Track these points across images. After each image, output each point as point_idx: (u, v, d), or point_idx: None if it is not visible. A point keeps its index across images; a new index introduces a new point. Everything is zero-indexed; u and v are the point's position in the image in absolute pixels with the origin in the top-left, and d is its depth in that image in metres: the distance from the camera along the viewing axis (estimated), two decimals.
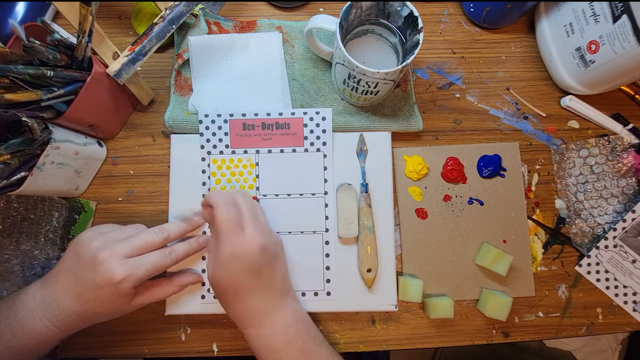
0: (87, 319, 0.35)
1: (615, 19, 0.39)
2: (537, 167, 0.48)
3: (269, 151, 0.44)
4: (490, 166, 0.46)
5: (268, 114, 0.43)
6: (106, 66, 0.39)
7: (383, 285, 0.43)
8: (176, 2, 0.41)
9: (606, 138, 0.46)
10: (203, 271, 0.42)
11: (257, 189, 0.43)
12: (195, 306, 0.41)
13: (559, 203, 0.47)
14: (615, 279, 0.45)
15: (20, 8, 0.45)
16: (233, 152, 0.44)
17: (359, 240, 0.43)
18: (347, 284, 0.42)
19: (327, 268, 0.43)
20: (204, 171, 0.43)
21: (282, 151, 0.44)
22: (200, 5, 0.46)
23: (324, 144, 0.44)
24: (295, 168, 0.43)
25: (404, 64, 0.37)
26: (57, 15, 0.48)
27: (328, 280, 0.42)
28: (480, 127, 0.48)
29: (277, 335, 0.36)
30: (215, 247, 0.36)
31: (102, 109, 0.41)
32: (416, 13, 0.38)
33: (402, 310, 0.44)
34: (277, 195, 0.43)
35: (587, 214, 0.46)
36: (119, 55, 0.40)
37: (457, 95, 0.49)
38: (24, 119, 0.33)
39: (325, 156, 0.44)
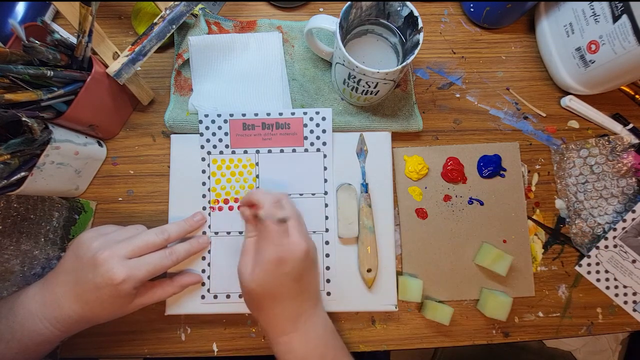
0: (88, 319, 0.35)
1: (615, 19, 0.39)
2: (537, 167, 0.48)
3: (269, 151, 0.44)
4: (490, 166, 0.46)
5: (268, 114, 0.43)
6: (106, 66, 0.39)
7: (383, 285, 0.43)
8: (176, 2, 0.41)
9: (606, 138, 0.46)
10: (203, 271, 0.42)
11: (257, 189, 0.43)
12: (195, 306, 0.41)
13: (559, 203, 0.47)
14: (615, 279, 0.45)
15: (20, 8, 0.45)
16: (233, 152, 0.44)
17: (359, 240, 0.43)
18: (347, 284, 0.42)
19: (327, 268, 0.43)
20: (204, 171, 0.43)
21: (282, 151, 0.44)
22: (200, 5, 0.46)
23: (324, 144, 0.44)
24: (295, 168, 0.43)
25: (404, 64, 0.37)
26: (57, 15, 0.48)
27: (328, 280, 0.42)
28: (480, 127, 0.48)
29: (309, 345, 0.35)
30: (256, 248, 0.35)
31: (102, 109, 0.41)
32: (416, 13, 0.38)
33: (402, 310, 0.44)
34: None
35: (587, 214, 0.46)
36: (119, 55, 0.40)
37: (457, 95, 0.49)
38: (24, 119, 0.33)
39: (325, 156, 0.44)
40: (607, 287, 0.45)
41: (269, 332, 0.36)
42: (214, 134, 0.43)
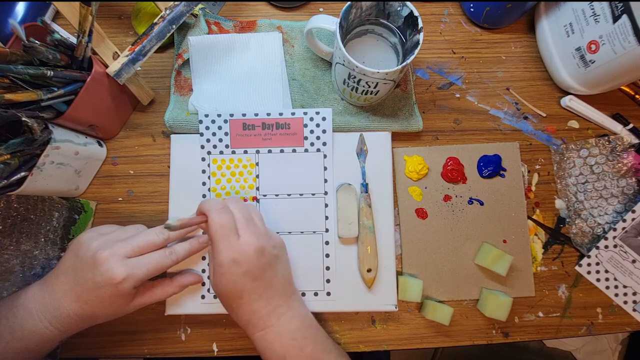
0: (87, 319, 0.35)
1: (615, 19, 0.39)
2: (537, 167, 0.48)
3: (269, 151, 0.44)
4: (490, 166, 0.46)
5: (268, 114, 0.43)
6: (106, 66, 0.39)
7: (383, 285, 0.43)
8: (176, 2, 0.41)
9: (606, 138, 0.46)
10: (203, 271, 0.42)
11: (257, 189, 0.43)
12: (195, 306, 0.41)
13: (559, 203, 0.47)
14: (615, 279, 0.45)
15: (20, 8, 0.45)
16: (233, 152, 0.44)
17: (359, 240, 0.43)
18: (347, 284, 0.42)
19: (327, 268, 0.43)
20: (204, 171, 0.43)
21: (282, 151, 0.44)
22: (200, 5, 0.46)
23: (324, 144, 0.44)
24: (295, 168, 0.43)
25: (404, 64, 0.37)
26: (57, 15, 0.48)
27: (328, 281, 0.42)
28: (480, 127, 0.48)
29: (284, 340, 0.35)
30: (213, 255, 0.36)
31: (102, 109, 0.41)
32: (416, 13, 0.38)
33: (402, 310, 0.44)
34: (277, 195, 0.43)
35: (587, 214, 0.46)
36: (119, 55, 0.40)
37: (457, 95, 0.49)
38: (24, 119, 0.33)
39: (325, 156, 0.44)
40: (607, 287, 0.45)
41: (247, 330, 0.36)
42: (214, 134, 0.43)
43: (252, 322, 0.36)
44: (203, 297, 0.41)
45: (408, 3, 0.39)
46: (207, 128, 0.43)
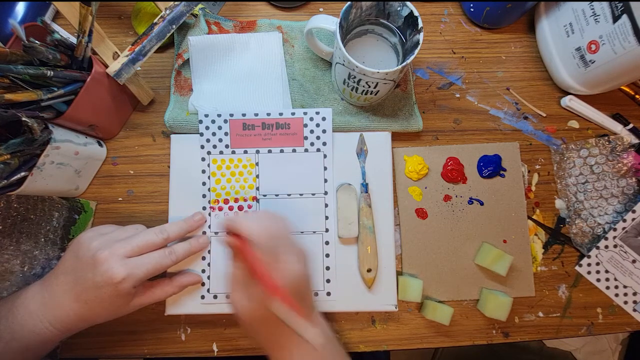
0: (87, 319, 0.35)
1: (615, 19, 0.39)
2: (537, 167, 0.48)
3: (269, 151, 0.44)
4: (490, 166, 0.46)
5: (268, 114, 0.43)
6: (106, 66, 0.39)
7: (383, 285, 0.43)
8: (176, 2, 0.41)
9: (606, 138, 0.46)
10: (203, 271, 0.42)
11: (257, 189, 0.43)
12: (195, 306, 0.41)
13: (559, 203, 0.47)
14: (615, 279, 0.45)
15: (20, 8, 0.45)
16: (233, 152, 0.44)
17: (359, 240, 0.43)
18: (347, 284, 0.42)
19: (327, 268, 0.43)
20: (204, 171, 0.43)
21: (282, 151, 0.44)
22: (200, 5, 0.46)
23: (324, 144, 0.44)
24: (295, 168, 0.43)
25: (404, 64, 0.37)
26: (57, 15, 0.48)
27: (328, 281, 0.42)
28: (480, 127, 0.48)
29: (309, 356, 0.33)
30: (245, 281, 0.33)
31: (102, 109, 0.41)
32: (416, 13, 0.38)
33: (402, 310, 0.44)
34: (277, 195, 0.43)
35: (587, 214, 0.46)
36: (119, 55, 0.40)
37: (457, 95, 0.49)
38: (24, 119, 0.33)
39: (325, 156, 0.44)
40: (607, 287, 0.45)
41: (268, 350, 0.35)
42: (214, 134, 0.43)
43: (278, 342, 0.34)
44: (203, 297, 0.41)
45: (408, 3, 0.39)
46: (207, 128, 0.43)
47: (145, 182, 0.45)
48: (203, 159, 0.44)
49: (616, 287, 0.45)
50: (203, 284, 0.42)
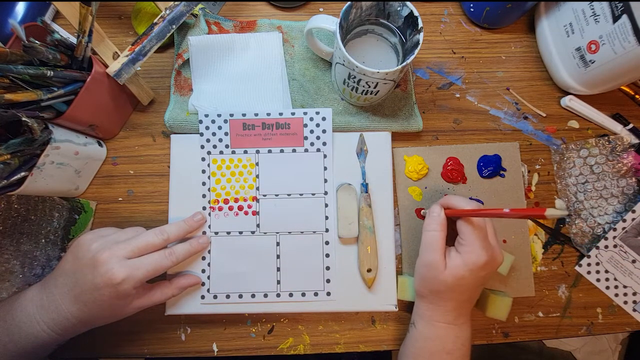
0: (85, 322, 0.35)
1: (615, 19, 0.39)
2: (537, 167, 0.48)
3: (269, 151, 0.44)
4: (490, 166, 0.46)
5: (268, 114, 0.43)
6: (106, 66, 0.39)
7: (383, 285, 0.43)
8: (176, 2, 0.41)
9: (606, 138, 0.46)
10: (203, 271, 0.42)
11: (257, 189, 0.43)
12: (195, 306, 0.41)
13: (559, 203, 0.47)
14: (615, 279, 0.45)
15: (20, 8, 0.45)
16: (233, 152, 0.44)
17: (359, 240, 0.43)
18: (347, 284, 0.42)
19: (327, 268, 0.43)
20: (204, 171, 0.43)
21: (282, 151, 0.44)
22: (200, 5, 0.46)
23: (324, 144, 0.44)
24: (295, 168, 0.43)
25: (404, 64, 0.37)
26: (57, 15, 0.48)
27: (328, 280, 0.42)
28: (480, 127, 0.48)
29: (458, 343, 0.38)
30: (447, 246, 0.36)
31: (102, 109, 0.41)
32: (416, 13, 0.38)
33: (402, 310, 0.44)
34: (277, 195, 0.43)
35: (587, 214, 0.46)
36: (119, 55, 0.40)
37: (457, 95, 0.49)
38: (24, 119, 0.33)
39: (325, 156, 0.44)
40: (607, 287, 0.45)
41: (427, 313, 0.38)
42: (214, 134, 0.43)
43: (444, 313, 0.37)
44: (203, 297, 0.41)
45: (408, 3, 0.39)
46: (207, 128, 0.43)
47: (145, 182, 0.45)
48: (203, 159, 0.44)
49: (616, 287, 0.45)
50: (203, 284, 0.42)
